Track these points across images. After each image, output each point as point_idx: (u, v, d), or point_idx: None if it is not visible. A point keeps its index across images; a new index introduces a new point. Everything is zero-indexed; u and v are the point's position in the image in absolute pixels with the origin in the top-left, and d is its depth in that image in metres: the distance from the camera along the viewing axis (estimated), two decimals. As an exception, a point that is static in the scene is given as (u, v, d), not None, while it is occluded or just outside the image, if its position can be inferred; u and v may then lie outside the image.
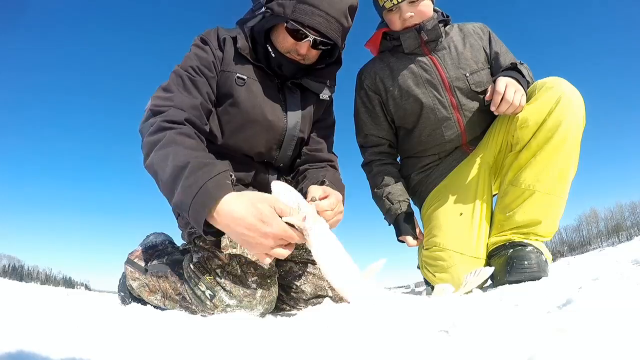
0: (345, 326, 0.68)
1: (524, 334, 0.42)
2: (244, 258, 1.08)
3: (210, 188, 0.83)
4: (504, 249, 1.29)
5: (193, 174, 0.85)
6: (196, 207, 0.83)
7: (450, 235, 1.38)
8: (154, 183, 0.98)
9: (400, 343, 0.48)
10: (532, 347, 0.38)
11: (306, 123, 1.28)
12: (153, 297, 1.26)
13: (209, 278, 1.05)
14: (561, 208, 1.30)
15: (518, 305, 0.71)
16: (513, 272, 1.20)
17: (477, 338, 0.42)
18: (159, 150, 0.92)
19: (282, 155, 1.26)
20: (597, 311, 0.40)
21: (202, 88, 1.11)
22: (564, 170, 1.24)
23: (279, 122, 1.20)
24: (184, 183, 0.85)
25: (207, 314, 1.04)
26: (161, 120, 0.97)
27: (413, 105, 1.45)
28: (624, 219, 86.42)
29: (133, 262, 1.37)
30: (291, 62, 1.17)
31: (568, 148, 1.22)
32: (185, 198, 0.84)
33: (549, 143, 1.23)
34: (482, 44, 1.49)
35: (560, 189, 1.26)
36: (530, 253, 1.21)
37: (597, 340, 0.37)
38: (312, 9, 1.05)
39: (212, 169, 0.87)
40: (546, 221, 1.28)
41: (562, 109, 1.22)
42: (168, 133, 0.95)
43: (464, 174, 1.45)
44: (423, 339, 0.49)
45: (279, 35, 1.15)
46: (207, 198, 0.83)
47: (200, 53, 1.15)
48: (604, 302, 0.42)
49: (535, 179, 1.26)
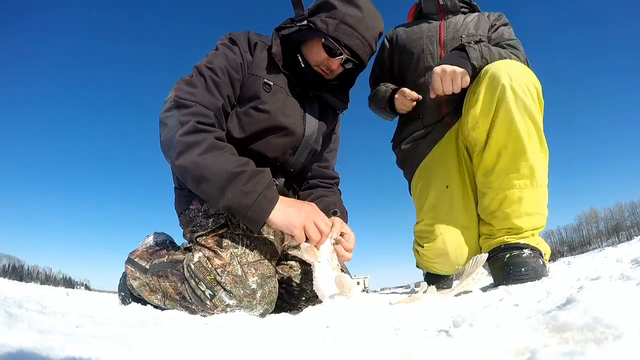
0: (345, 326, 0.68)
1: (524, 334, 0.42)
2: (245, 258, 1.08)
3: (268, 195, 1.02)
4: (499, 251, 1.27)
5: (250, 180, 1.01)
6: (256, 210, 1.00)
7: (438, 207, 1.43)
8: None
9: (401, 343, 0.49)
10: (532, 347, 0.38)
11: (321, 134, 1.34)
12: (153, 297, 1.26)
13: (209, 278, 1.05)
14: (541, 194, 1.27)
15: (518, 305, 0.71)
16: (510, 279, 1.17)
17: (477, 338, 0.42)
18: (203, 154, 1.01)
19: (295, 162, 1.30)
20: (597, 311, 0.40)
21: (224, 90, 1.15)
22: (533, 162, 1.21)
23: (298, 129, 1.25)
24: (243, 188, 1.00)
25: (207, 313, 1.04)
26: (195, 121, 1.04)
27: (410, 51, 1.61)
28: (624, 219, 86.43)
29: (134, 262, 1.37)
30: (316, 74, 1.23)
31: (528, 140, 1.20)
32: (245, 200, 1.00)
33: (508, 145, 1.22)
34: (489, 21, 1.60)
35: (536, 179, 1.23)
36: (527, 258, 1.18)
37: (597, 340, 0.37)
38: (352, 30, 1.13)
39: (264, 177, 1.04)
40: (530, 215, 1.25)
41: (507, 104, 1.19)
42: (207, 137, 1.04)
43: (448, 148, 1.50)
44: (423, 339, 0.49)
45: (313, 48, 1.20)
46: (268, 202, 1.01)
47: (229, 54, 1.19)
48: (604, 302, 0.42)
49: (507, 181, 1.25)
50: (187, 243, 1.30)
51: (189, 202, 1.26)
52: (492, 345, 0.40)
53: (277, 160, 1.27)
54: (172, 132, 1.04)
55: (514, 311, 0.64)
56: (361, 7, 1.14)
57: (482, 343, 0.41)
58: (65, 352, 0.39)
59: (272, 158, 1.25)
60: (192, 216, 1.24)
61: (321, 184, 1.44)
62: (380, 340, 0.53)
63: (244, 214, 1.01)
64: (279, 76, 1.23)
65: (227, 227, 1.15)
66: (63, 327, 0.55)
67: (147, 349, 0.46)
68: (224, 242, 1.11)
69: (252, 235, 1.14)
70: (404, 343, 0.48)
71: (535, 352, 0.34)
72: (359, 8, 1.14)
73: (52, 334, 0.43)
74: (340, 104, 1.35)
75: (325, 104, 1.34)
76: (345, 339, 0.54)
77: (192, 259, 1.10)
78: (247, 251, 1.10)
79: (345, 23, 1.12)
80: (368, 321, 0.73)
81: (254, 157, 1.23)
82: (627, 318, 0.38)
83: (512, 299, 0.82)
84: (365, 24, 1.14)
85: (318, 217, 1.08)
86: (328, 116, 1.38)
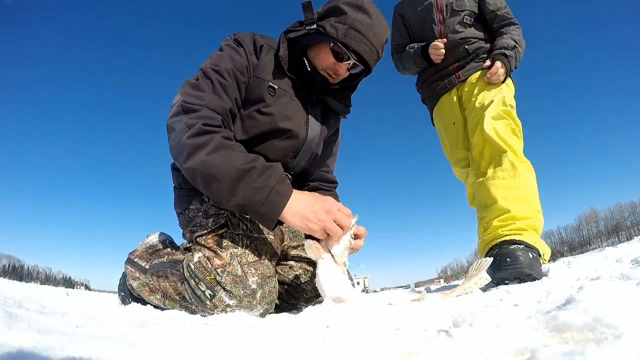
0: (345, 326, 0.68)
1: (524, 334, 0.42)
2: (245, 258, 1.08)
3: (281, 189, 1.00)
4: (496, 247, 1.39)
5: (260, 176, 1.00)
6: (269, 206, 0.99)
7: (449, 137, 1.97)
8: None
9: (400, 343, 0.49)
10: (532, 347, 0.38)
11: (322, 138, 1.35)
12: (153, 297, 1.26)
13: (209, 278, 1.05)
14: (527, 184, 1.51)
15: (518, 305, 0.71)
16: (497, 270, 1.27)
17: (477, 338, 0.42)
18: (211, 154, 1.00)
19: (296, 164, 1.30)
20: (597, 311, 0.40)
21: (231, 93, 1.14)
22: (511, 159, 1.54)
23: (301, 132, 1.25)
24: (255, 185, 0.99)
25: (207, 313, 1.04)
26: (202, 123, 1.03)
27: (417, 21, 1.99)
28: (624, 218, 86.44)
29: (133, 262, 1.37)
30: (322, 78, 1.24)
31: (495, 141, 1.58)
32: (257, 197, 0.99)
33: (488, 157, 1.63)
34: None
35: (518, 173, 1.50)
36: (517, 251, 1.28)
37: (597, 340, 0.37)
38: (361, 36, 1.14)
39: (276, 171, 1.03)
40: (516, 206, 1.44)
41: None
42: (215, 137, 1.03)
43: (452, 99, 1.95)
44: (423, 339, 0.49)
45: (321, 53, 1.20)
46: (281, 197, 1.00)
47: (235, 56, 1.18)
48: (604, 302, 0.42)
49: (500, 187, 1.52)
50: (186, 243, 1.30)
51: (189, 202, 1.26)
52: (492, 345, 0.40)
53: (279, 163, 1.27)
54: (179, 135, 1.04)
55: (514, 311, 0.64)
56: (370, 13, 1.15)
57: (482, 343, 0.41)
58: (65, 352, 0.39)
59: (273, 160, 1.25)
60: (191, 216, 1.24)
61: (322, 186, 1.47)
62: (380, 340, 0.53)
63: (256, 211, 0.99)
64: (284, 80, 1.23)
65: (227, 227, 1.15)
66: (63, 327, 0.55)
67: (147, 349, 0.46)
68: (224, 242, 1.11)
69: (252, 235, 1.14)
70: (404, 343, 0.48)
71: (535, 352, 0.34)
72: (368, 15, 1.14)
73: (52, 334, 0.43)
74: (343, 108, 1.36)
75: (328, 107, 1.34)
76: (345, 339, 0.54)
77: (192, 259, 1.10)
78: (247, 251, 1.10)
79: (354, 29, 1.13)
80: (368, 321, 0.73)
81: None
82: (627, 318, 0.38)
83: (512, 299, 0.82)
84: (374, 30, 1.15)
85: (338, 212, 1.04)
86: (330, 120, 1.38)
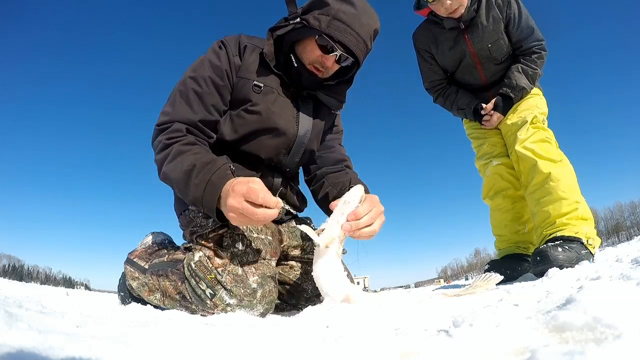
0: (345, 326, 0.68)
1: (524, 334, 0.42)
2: (245, 257, 1.08)
3: (215, 180, 0.99)
4: (540, 245, 1.59)
5: (199, 173, 1.01)
6: (207, 198, 0.99)
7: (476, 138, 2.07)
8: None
9: (401, 343, 0.48)
10: (532, 347, 0.38)
11: (315, 133, 1.33)
12: (152, 297, 1.26)
13: (209, 277, 1.05)
14: (559, 183, 1.62)
15: (518, 305, 0.71)
16: (534, 265, 1.48)
17: (477, 338, 0.42)
18: (169, 164, 1.07)
19: (290, 161, 1.29)
20: (597, 311, 0.40)
21: (207, 99, 1.17)
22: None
23: (291, 129, 1.24)
24: (194, 182, 1.01)
25: (207, 313, 1.04)
26: (165, 138, 1.11)
27: (450, 63, 2.00)
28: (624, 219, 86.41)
29: (133, 262, 1.37)
30: (310, 74, 1.22)
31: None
32: (197, 194, 1.00)
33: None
34: (502, 16, 1.85)
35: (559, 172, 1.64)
36: (553, 248, 1.44)
37: (597, 340, 0.37)
38: (345, 27, 1.12)
39: (213, 166, 1.02)
40: (559, 207, 1.58)
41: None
42: (174, 147, 1.09)
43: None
44: (423, 338, 0.49)
45: (307, 47, 1.20)
46: (214, 189, 0.98)
47: (215, 61, 1.19)
48: (604, 302, 0.42)
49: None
50: (187, 243, 1.30)
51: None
52: (492, 345, 0.40)
53: (272, 161, 1.27)
54: (155, 155, 1.14)
55: (514, 311, 0.64)
56: (355, 4, 1.13)
57: (482, 343, 0.41)
58: (65, 352, 0.39)
59: (266, 159, 1.25)
60: (192, 217, 1.24)
61: (330, 170, 1.41)
62: (380, 340, 0.53)
63: (201, 206, 1.03)
64: (270, 77, 1.22)
65: (227, 227, 1.15)
66: (63, 327, 0.55)
67: (147, 349, 0.46)
68: (225, 242, 1.11)
69: (252, 235, 1.14)
70: (404, 343, 0.48)
71: (535, 352, 0.34)
72: (352, 5, 1.13)
73: (52, 334, 0.43)
74: (335, 103, 1.33)
75: (321, 103, 1.33)
76: (345, 339, 0.54)
77: (192, 258, 1.10)
78: (247, 251, 1.10)
79: (338, 19, 1.11)
80: (368, 321, 0.73)
81: (247, 158, 1.24)
82: (627, 318, 0.38)
83: (512, 299, 0.82)
84: (359, 20, 1.13)
85: (250, 193, 0.92)
86: (324, 115, 1.36)
